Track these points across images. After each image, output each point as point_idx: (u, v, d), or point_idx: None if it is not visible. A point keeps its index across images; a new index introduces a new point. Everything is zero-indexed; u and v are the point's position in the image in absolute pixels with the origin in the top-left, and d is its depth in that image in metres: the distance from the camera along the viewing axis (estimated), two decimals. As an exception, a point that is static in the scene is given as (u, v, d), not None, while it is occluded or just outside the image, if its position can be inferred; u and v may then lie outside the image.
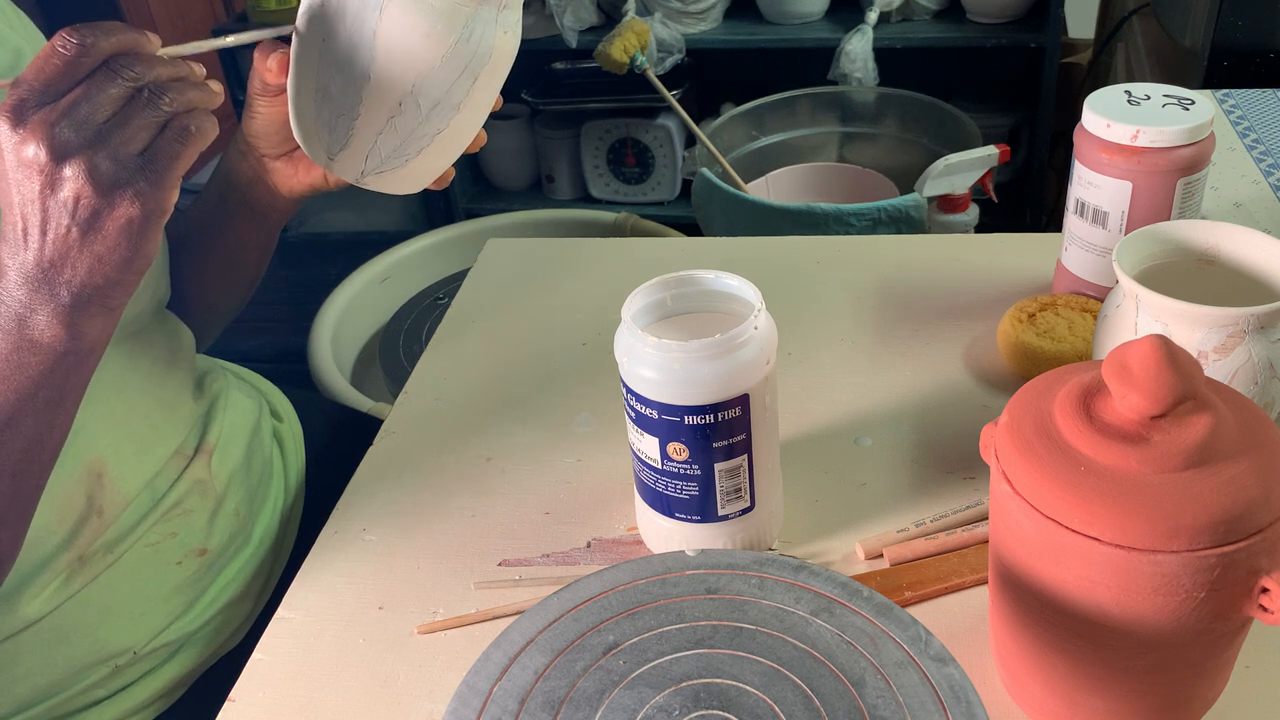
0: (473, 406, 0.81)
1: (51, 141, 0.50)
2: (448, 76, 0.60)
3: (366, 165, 0.63)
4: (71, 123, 0.51)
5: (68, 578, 0.68)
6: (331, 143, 0.63)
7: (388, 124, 0.61)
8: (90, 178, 0.51)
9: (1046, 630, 0.50)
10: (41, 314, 0.54)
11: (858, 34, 2.10)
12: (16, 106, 0.50)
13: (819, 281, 0.91)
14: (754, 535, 0.64)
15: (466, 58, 0.60)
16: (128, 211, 0.52)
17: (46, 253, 0.52)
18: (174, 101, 0.53)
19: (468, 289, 0.96)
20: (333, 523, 0.71)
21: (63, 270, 0.53)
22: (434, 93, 0.61)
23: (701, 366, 0.57)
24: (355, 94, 0.60)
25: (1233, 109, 1.12)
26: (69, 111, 0.51)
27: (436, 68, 0.60)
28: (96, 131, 0.51)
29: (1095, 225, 0.76)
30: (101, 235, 0.52)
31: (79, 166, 0.51)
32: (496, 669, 0.46)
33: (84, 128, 0.51)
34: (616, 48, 1.61)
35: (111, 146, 0.51)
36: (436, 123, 0.62)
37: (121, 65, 0.52)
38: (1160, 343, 0.46)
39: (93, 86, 0.51)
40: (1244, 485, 0.44)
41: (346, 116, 0.61)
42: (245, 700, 0.59)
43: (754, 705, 0.44)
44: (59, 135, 0.50)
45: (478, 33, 0.60)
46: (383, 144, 0.62)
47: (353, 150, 0.63)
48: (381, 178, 0.64)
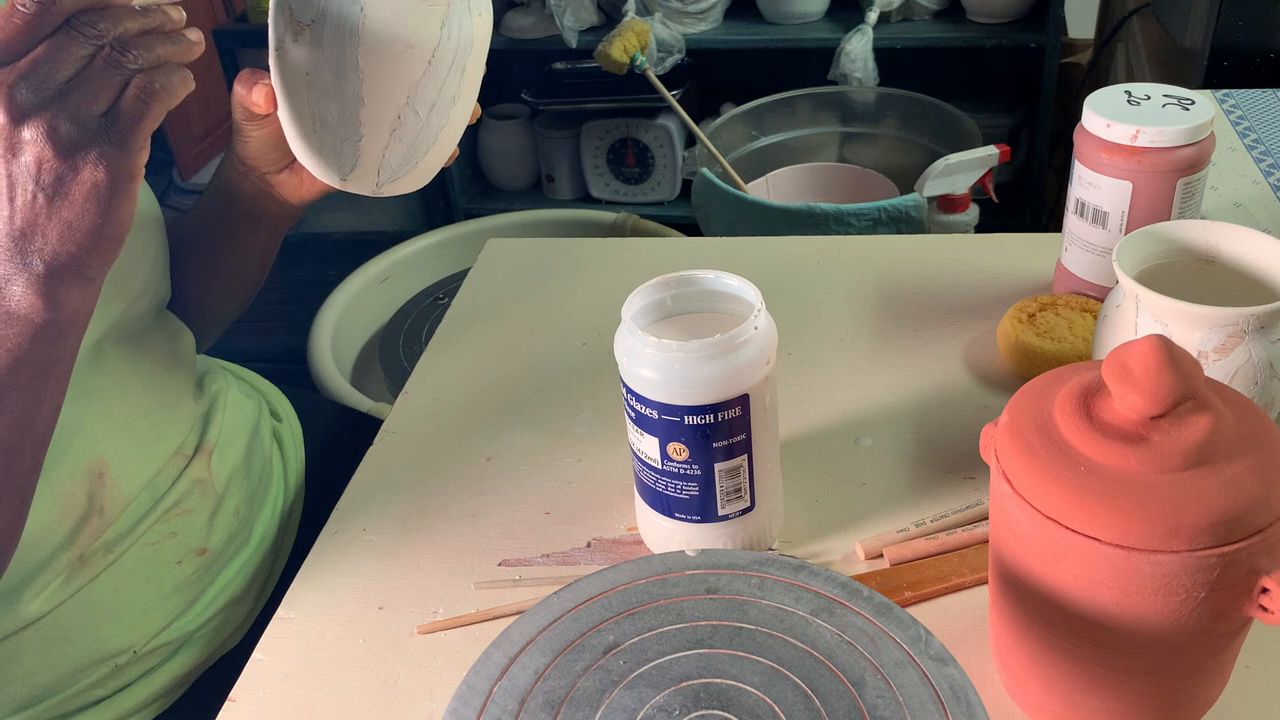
0: (473, 406, 0.81)
1: (9, 103, 0.49)
2: (438, 78, 0.61)
3: (380, 178, 0.64)
4: (30, 84, 0.49)
5: (68, 577, 0.68)
6: (341, 166, 0.63)
7: (392, 137, 0.62)
8: (50, 140, 0.49)
9: (1046, 630, 0.50)
10: (16, 284, 0.52)
11: (858, 34, 2.10)
12: None
13: (819, 281, 0.91)
14: (754, 535, 0.64)
15: (451, 54, 0.60)
16: (93, 175, 0.51)
17: (16, 222, 0.51)
18: (139, 58, 0.51)
19: (468, 289, 0.96)
20: (333, 523, 0.71)
21: (33, 239, 0.51)
22: (429, 96, 0.61)
23: (701, 366, 0.57)
24: (353, 118, 0.60)
25: (1233, 109, 1.12)
26: (28, 72, 0.49)
27: (426, 74, 0.60)
28: (56, 92, 0.49)
29: (1095, 225, 0.76)
30: (69, 201, 0.51)
31: (38, 129, 0.49)
32: (496, 669, 0.46)
33: (43, 88, 0.49)
34: (616, 48, 1.61)
35: (71, 107, 0.50)
36: (437, 122, 0.62)
37: (84, 22, 0.50)
38: (1160, 343, 0.46)
39: (53, 45, 0.49)
40: (1244, 485, 0.44)
41: (350, 140, 0.62)
42: (245, 700, 0.59)
43: (754, 705, 0.44)
44: (17, 96, 0.49)
45: (455, 27, 0.60)
46: (391, 156, 0.63)
47: (363, 168, 0.63)
48: (394, 184, 0.65)
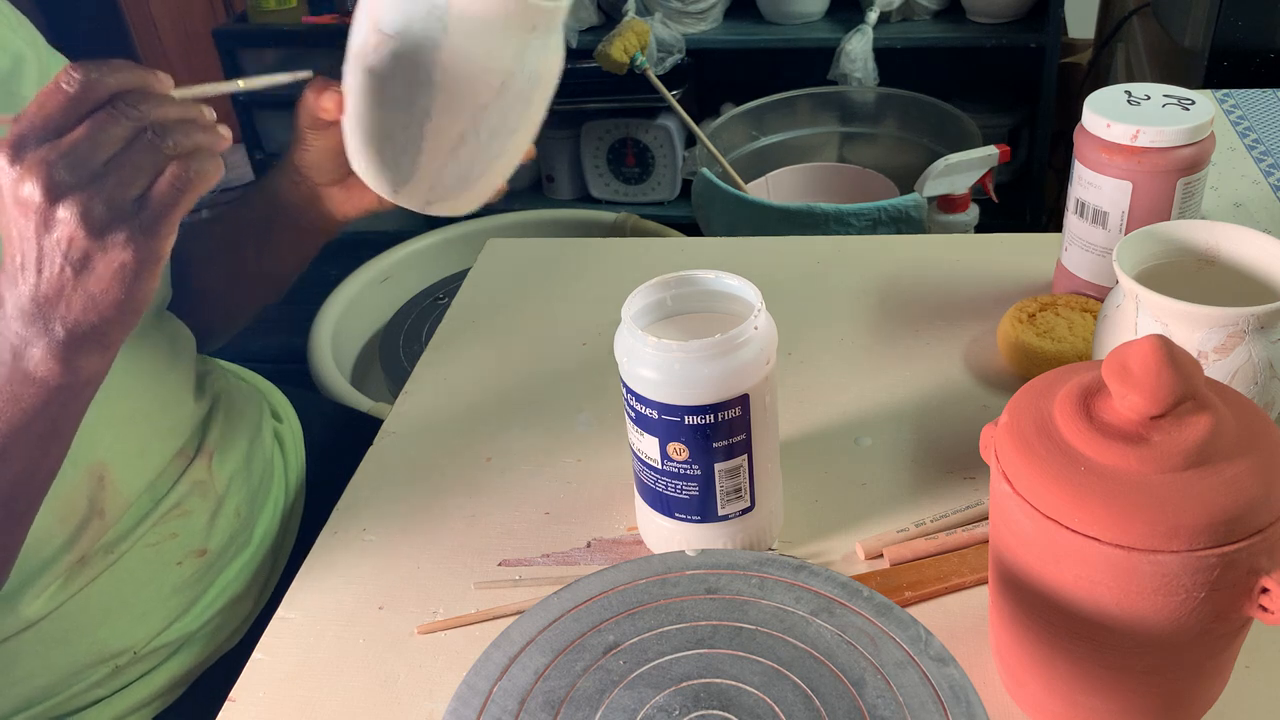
0: (473, 406, 0.81)
1: (47, 181, 0.49)
2: (504, 106, 0.62)
3: (431, 195, 0.65)
4: (69, 162, 0.50)
5: (68, 578, 0.68)
6: (396, 178, 0.64)
7: (450, 156, 0.62)
8: (83, 221, 0.50)
9: (1046, 630, 0.50)
10: (37, 348, 0.53)
11: (858, 34, 2.10)
12: (16, 142, 0.50)
13: (819, 281, 0.91)
14: (754, 535, 0.64)
15: (521, 85, 0.61)
16: (120, 256, 0.51)
17: (41, 289, 0.52)
18: (177, 145, 0.52)
19: (468, 289, 0.96)
20: (333, 523, 0.71)
21: (57, 307, 0.52)
22: (492, 122, 0.62)
23: (701, 366, 0.57)
24: (417, 132, 0.61)
25: (1233, 109, 1.12)
26: (68, 151, 0.50)
27: (494, 100, 0.61)
28: (93, 173, 0.50)
29: (1095, 225, 0.76)
30: (95, 276, 0.52)
31: (72, 209, 0.50)
32: (496, 669, 0.46)
33: (81, 168, 0.50)
34: (616, 48, 1.61)
35: (107, 190, 0.50)
36: (495, 149, 0.63)
37: (126, 104, 0.51)
38: (1160, 343, 0.46)
39: (94, 125, 0.50)
40: (1244, 485, 0.44)
41: (410, 153, 0.62)
42: (245, 700, 0.59)
43: (754, 705, 0.44)
44: (55, 175, 0.49)
45: (531, 60, 0.61)
46: (445, 175, 0.64)
47: (417, 183, 0.64)
48: (444, 204, 0.66)
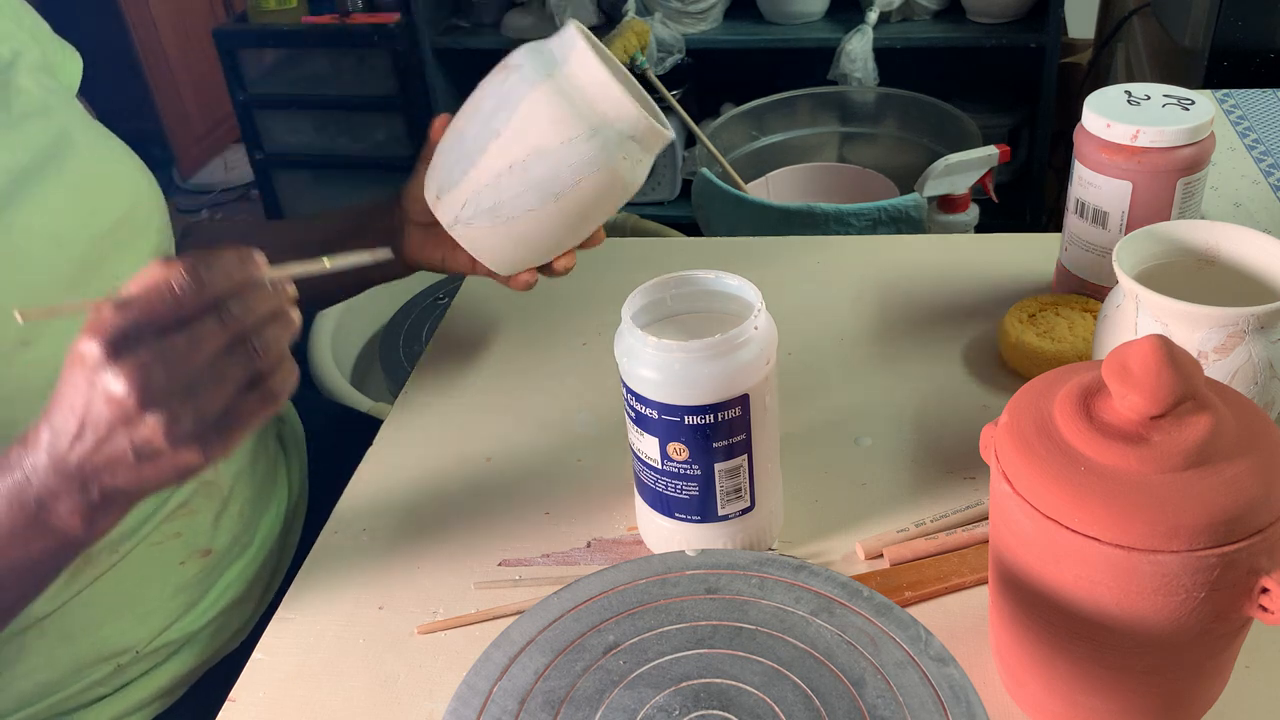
0: (473, 406, 0.81)
1: (143, 386, 0.49)
2: (558, 162, 0.67)
3: (462, 212, 0.70)
4: (167, 372, 0.49)
5: (72, 576, 0.68)
6: (445, 181, 0.70)
7: (493, 180, 0.68)
8: (167, 432, 0.50)
9: (1046, 630, 0.50)
10: (65, 503, 0.53)
11: (858, 34, 2.10)
12: (117, 338, 0.49)
13: (819, 281, 0.91)
14: (754, 535, 0.64)
15: (580, 157, 0.67)
16: (187, 459, 0.51)
17: (93, 460, 0.52)
18: (267, 353, 0.52)
19: (468, 289, 0.96)
20: (333, 523, 0.71)
21: (102, 475, 0.52)
22: (540, 170, 0.67)
23: (701, 366, 0.57)
24: (482, 144, 0.68)
25: (1233, 109, 1.12)
26: (168, 358, 0.49)
27: (551, 150, 0.67)
28: (187, 385, 0.50)
29: (1095, 225, 0.76)
30: (155, 467, 0.52)
31: (159, 418, 0.50)
32: (496, 669, 0.46)
33: (176, 378, 0.49)
34: (616, 48, 1.61)
35: (198, 404, 0.50)
36: (531, 199, 0.68)
37: (228, 309, 0.50)
38: (1160, 343, 0.46)
39: (196, 336, 0.50)
40: (1244, 485, 0.44)
41: (464, 163, 0.69)
42: (245, 700, 0.59)
43: (754, 705, 0.44)
44: (151, 382, 0.49)
45: (599, 144, 0.67)
46: (483, 198, 0.69)
47: (456, 194, 0.70)
48: (470, 229, 0.70)
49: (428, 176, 0.72)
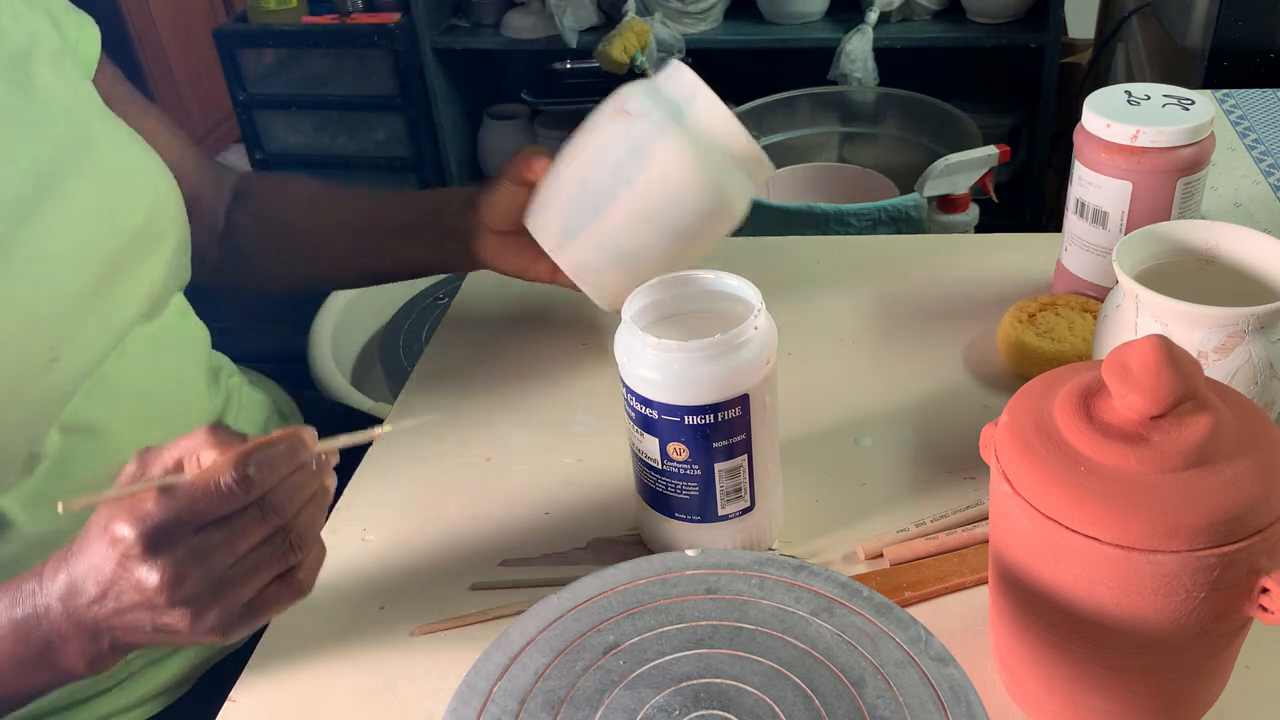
0: (473, 406, 0.81)
1: (174, 585, 0.49)
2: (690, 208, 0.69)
3: (591, 259, 0.71)
4: (202, 569, 0.49)
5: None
6: (570, 227, 0.71)
7: (624, 227, 0.69)
8: (193, 624, 0.50)
9: (1046, 630, 0.50)
10: (73, 647, 0.53)
11: (858, 34, 2.10)
12: (156, 533, 0.48)
13: (819, 281, 0.91)
14: (754, 535, 0.64)
15: (711, 201, 0.69)
16: (205, 638, 0.52)
17: (110, 621, 0.52)
18: (301, 545, 0.51)
19: (468, 289, 0.96)
20: (332, 523, 0.71)
21: (116, 633, 0.52)
22: (673, 217, 0.69)
23: (701, 366, 0.57)
24: (613, 192, 0.69)
25: (1233, 109, 1.12)
26: (203, 558, 0.49)
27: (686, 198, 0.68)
28: (220, 581, 0.50)
29: (1095, 225, 0.76)
30: (172, 639, 0.52)
31: (186, 613, 0.50)
32: (496, 669, 0.46)
33: (210, 575, 0.49)
34: (616, 48, 1.61)
35: (227, 600, 0.50)
36: (660, 243, 0.70)
37: (270, 502, 0.50)
38: (1160, 343, 0.46)
39: (235, 530, 0.49)
40: (1244, 485, 0.44)
41: (593, 211, 0.69)
42: (245, 700, 0.59)
43: (754, 705, 0.44)
44: (185, 581, 0.49)
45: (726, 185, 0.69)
46: (613, 245, 0.70)
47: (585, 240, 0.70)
48: (599, 275, 0.71)
49: (541, 215, 0.72)
